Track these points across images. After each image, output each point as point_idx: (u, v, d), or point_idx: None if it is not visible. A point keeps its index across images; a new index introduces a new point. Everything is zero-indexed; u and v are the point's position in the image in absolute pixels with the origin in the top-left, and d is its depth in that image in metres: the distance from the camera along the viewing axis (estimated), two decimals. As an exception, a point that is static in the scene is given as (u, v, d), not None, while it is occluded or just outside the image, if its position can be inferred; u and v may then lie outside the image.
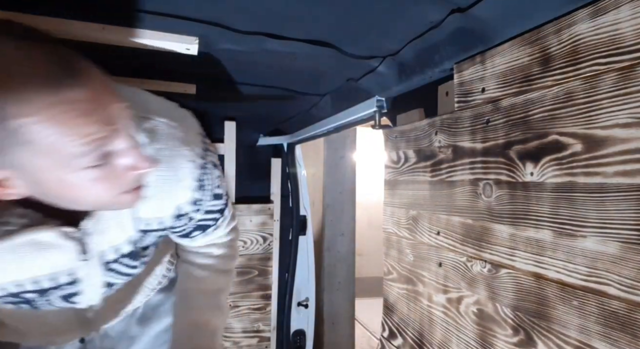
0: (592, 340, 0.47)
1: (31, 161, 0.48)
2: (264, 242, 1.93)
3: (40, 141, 0.46)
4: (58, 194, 0.53)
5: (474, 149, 0.68)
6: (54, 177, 0.50)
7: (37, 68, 0.44)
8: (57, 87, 0.44)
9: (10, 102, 0.43)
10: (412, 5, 0.61)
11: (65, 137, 0.46)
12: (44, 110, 0.44)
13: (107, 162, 0.52)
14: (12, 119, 0.44)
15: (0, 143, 0.46)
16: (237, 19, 0.71)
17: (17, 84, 0.43)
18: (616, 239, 0.45)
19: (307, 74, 1.02)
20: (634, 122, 0.43)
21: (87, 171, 0.50)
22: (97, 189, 0.53)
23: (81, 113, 0.47)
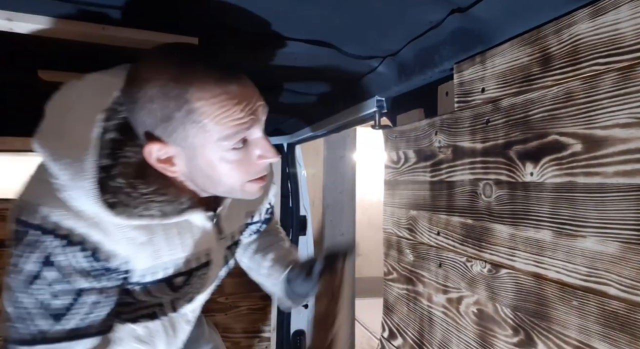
0: (592, 340, 0.47)
1: (196, 137, 0.62)
2: (264, 242, 1.93)
3: (207, 120, 0.61)
4: (206, 172, 0.66)
5: (474, 149, 0.68)
6: (207, 154, 0.64)
7: (212, 69, 0.61)
8: (225, 81, 0.61)
9: (195, 89, 0.59)
10: (412, 5, 0.61)
11: (223, 119, 0.62)
12: (216, 96, 0.60)
13: (245, 147, 0.66)
14: (194, 101, 0.60)
15: (181, 121, 0.61)
16: (237, 19, 0.71)
17: (200, 77, 0.60)
18: (616, 239, 0.45)
19: (307, 74, 1.02)
20: (634, 122, 0.43)
21: (230, 152, 0.64)
22: (236, 171, 0.66)
23: (237, 102, 0.63)
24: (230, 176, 0.67)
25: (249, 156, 0.67)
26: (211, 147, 0.63)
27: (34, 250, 0.59)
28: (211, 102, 0.61)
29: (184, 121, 0.61)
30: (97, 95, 0.65)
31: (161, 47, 0.63)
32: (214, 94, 0.61)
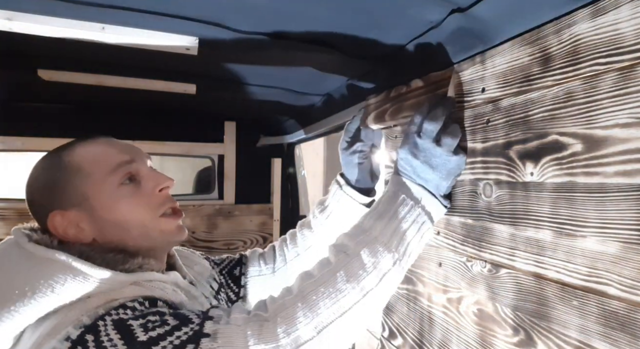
0: (592, 340, 0.47)
1: (83, 185, 0.66)
2: (264, 242, 1.93)
3: (86, 164, 0.67)
4: (111, 220, 0.66)
5: (473, 149, 0.68)
6: (102, 200, 0.66)
7: (76, 140, 0.71)
8: (90, 139, 0.71)
9: (66, 152, 0.68)
10: (412, 5, 0.61)
11: (100, 158, 0.68)
12: (86, 147, 0.69)
13: (135, 183, 0.69)
14: (68, 158, 0.67)
15: (64, 179, 0.66)
16: (237, 18, 0.71)
17: (67, 146, 0.70)
18: (616, 239, 0.45)
19: (307, 74, 1.02)
20: (634, 122, 0.43)
21: (121, 189, 0.67)
22: (137, 207, 0.68)
23: (109, 145, 0.71)
24: (134, 213, 0.67)
25: (143, 189, 0.69)
26: (101, 190, 0.66)
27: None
28: (85, 151, 0.68)
29: (67, 177, 0.66)
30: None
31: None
32: (85, 146, 0.69)
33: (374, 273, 0.61)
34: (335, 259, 0.64)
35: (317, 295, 0.58)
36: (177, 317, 0.55)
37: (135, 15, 0.68)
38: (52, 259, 0.58)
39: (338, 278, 0.60)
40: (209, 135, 1.84)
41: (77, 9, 0.66)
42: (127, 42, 0.77)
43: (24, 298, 0.55)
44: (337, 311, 0.57)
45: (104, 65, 1.02)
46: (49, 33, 0.72)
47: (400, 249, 0.63)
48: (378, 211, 0.67)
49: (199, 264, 0.90)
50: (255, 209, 1.92)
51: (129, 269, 0.63)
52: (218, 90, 1.27)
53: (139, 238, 0.69)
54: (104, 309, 0.54)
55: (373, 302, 0.60)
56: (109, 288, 0.58)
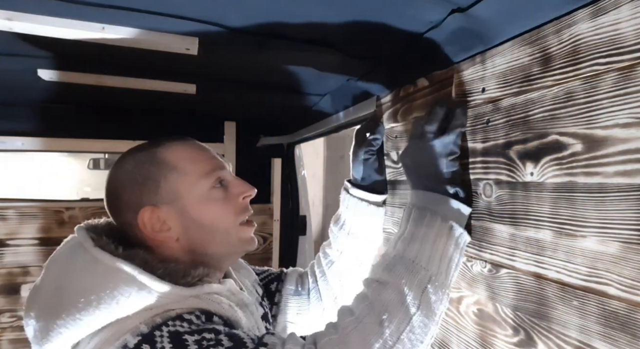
0: (592, 340, 0.47)
1: (178, 183, 0.67)
2: (264, 242, 1.93)
3: (183, 163, 0.68)
4: (198, 221, 0.68)
5: (474, 149, 0.68)
6: (193, 200, 0.67)
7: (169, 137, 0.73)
8: (184, 139, 0.73)
9: (162, 147, 0.70)
10: (412, 5, 0.61)
11: (196, 159, 0.70)
12: (181, 146, 0.71)
13: (223, 187, 0.71)
14: (164, 154, 0.69)
15: (160, 174, 0.67)
16: (237, 19, 0.71)
17: (162, 142, 0.71)
18: (616, 239, 0.45)
19: (307, 74, 1.02)
20: (634, 122, 0.43)
21: (212, 191, 0.69)
22: (224, 211, 0.70)
23: (201, 149, 0.73)
24: (221, 216, 0.69)
25: (230, 194, 0.72)
26: (194, 190, 0.68)
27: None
28: (180, 150, 0.70)
29: (163, 173, 0.67)
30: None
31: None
32: (179, 146, 0.71)
33: (410, 294, 0.58)
34: (369, 290, 0.62)
35: (360, 333, 0.56)
36: (231, 338, 0.54)
37: (135, 15, 0.68)
38: (118, 269, 0.58)
39: (376, 309, 0.58)
40: (209, 135, 1.84)
41: (77, 9, 0.66)
42: (127, 42, 0.77)
43: (90, 307, 0.55)
44: (385, 346, 0.55)
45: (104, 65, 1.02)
46: (49, 33, 0.72)
47: (433, 262, 0.60)
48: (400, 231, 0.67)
49: (245, 269, 0.91)
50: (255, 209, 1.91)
51: (190, 282, 0.63)
52: (218, 90, 1.26)
53: (220, 244, 0.70)
54: (161, 318, 0.54)
55: (421, 327, 0.57)
56: (171, 301, 0.58)
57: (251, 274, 0.91)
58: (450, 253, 0.61)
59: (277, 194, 1.95)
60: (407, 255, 0.61)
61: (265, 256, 1.92)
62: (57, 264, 0.62)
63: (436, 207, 0.63)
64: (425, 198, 0.65)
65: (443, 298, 0.60)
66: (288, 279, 0.98)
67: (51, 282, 0.61)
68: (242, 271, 0.88)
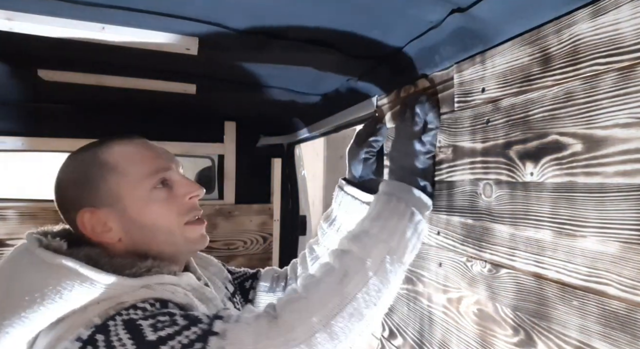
0: (592, 340, 0.47)
1: (118, 184, 0.66)
2: (264, 242, 1.93)
3: (123, 164, 0.67)
4: (140, 222, 0.67)
5: (474, 149, 0.68)
6: (134, 201, 0.67)
7: (113, 137, 0.72)
8: (127, 138, 0.71)
9: (103, 148, 0.69)
10: (412, 5, 0.61)
11: (137, 160, 0.69)
12: (124, 146, 0.70)
13: (168, 188, 0.70)
14: (105, 156, 0.68)
15: (99, 175, 0.66)
16: (237, 19, 0.71)
17: (105, 142, 0.70)
18: (616, 239, 0.45)
19: (307, 74, 1.02)
20: (634, 122, 0.43)
21: (154, 192, 0.68)
22: (167, 211, 0.69)
23: (145, 147, 0.72)
24: (163, 216, 0.69)
25: (175, 194, 0.71)
26: (135, 191, 0.67)
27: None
28: (122, 151, 0.69)
29: (102, 174, 0.67)
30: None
31: None
32: (122, 146, 0.70)
33: (369, 261, 0.63)
34: (332, 257, 0.67)
35: (320, 290, 0.61)
36: (186, 318, 0.55)
37: (135, 15, 0.68)
38: (59, 265, 0.58)
39: (337, 271, 0.63)
40: (209, 135, 1.83)
41: (77, 9, 0.66)
42: (127, 42, 0.77)
43: (34, 304, 0.55)
44: (342, 302, 0.59)
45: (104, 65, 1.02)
46: (49, 33, 0.72)
47: (394, 239, 0.66)
48: (368, 213, 0.73)
49: (214, 266, 0.90)
50: (255, 209, 1.92)
51: (136, 273, 0.63)
52: (218, 90, 1.26)
53: (164, 243, 0.69)
54: (114, 310, 0.55)
55: (376, 291, 0.62)
56: (118, 292, 0.58)
57: (222, 272, 0.91)
58: (409, 235, 0.68)
59: (277, 194, 1.95)
60: (371, 230, 0.68)
61: (265, 256, 1.92)
62: (3, 270, 0.62)
63: (402, 195, 0.71)
64: (395, 187, 0.73)
65: (398, 271, 0.65)
66: (263, 277, 1.00)
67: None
68: (210, 268, 0.88)
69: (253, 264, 1.87)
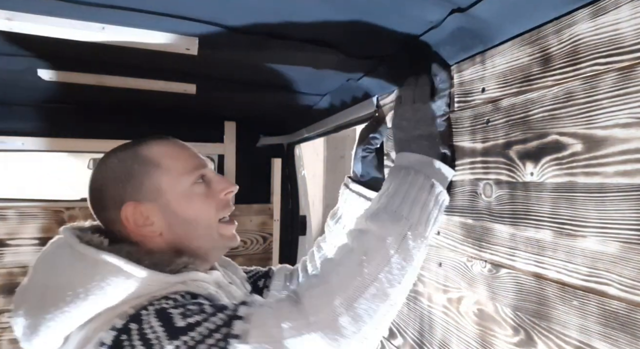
0: (592, 340, 0.47)
1: (161, 179, 0.69)
2: (264, 242, 1.93)
3: (165, 160, 0.70)
4: (182, 216, 0.69)
5: (474, 149, 0.68)
6: (176, 195, 0.69)
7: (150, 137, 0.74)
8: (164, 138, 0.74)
9: (144, 145, 0.71)
10: (412, 5, 0.61)
11: (179, 157, 0.72)
12: (163, 144, 0.72)
13: (206, 183, 0.73)
14: (147, 152, 0.70)
15: (142, 171, 0.68)
16: (237, 19, 0.70)
17: (145, 140, 0.72)
18: (616, 239, 0.45)
19: (307, 74, 1.02)
20: (634, 122, 0.43)
21: (195, 186, 0.71)
22: (207, 206, 0.71)
23: (182, 147, 0.75)
24: (203, 210, 0.71)
25: (212, 190, 0.74)
26: (177, 186, 0.69)
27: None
28: (162, 148, 0.72)
29: (146, 170, 0.69)
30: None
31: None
32: (162, 144, 0.72)
33: (390, 238, 0.61)
34: (350, 238, 0.65)
35: (340, 273, 0.60)
36: (214, 306, 0.57)
37: (135, 15, 0.68)
38: (103, 261, 0.59)
39: (356, 252, 0.61)
40: (209, 135, 1.83)
41: (77, 9, 0.66)
42: (127, 42, 0.77)
43: (77, 299, 0.56)
44: (364, 284, 0.57)
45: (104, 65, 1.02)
46: (49, 33, 0.72)
47: (414, 213, 0.63)
48: (384, 188, 0.69)
49: (232, 266, 0.92)
50: (255, 209, 1.92)
51: (174, 269, 0.64)
52: (218, 90, 1.26)
53: (202, 237, 0.71)
54: (147, 301, 0.56)
55: (399, 269, 0.60)
56: (157, 288, 0.59)
57: (239, 271, 0.93)
58: (430, 207, 0.65)
59: (277, 194, 1.95)
60: (389, 206, 0.65)
61: (265, 256, 1.92)
62: (44, 264, 0.63)
63: (420, 167, 0.68)
64: (411, 159, 0.69)
65: (421, 246, 0.63)
66: (276, 275, 1.01)
67: (39, 281, 0.62)
68: (229, 268, 0.90)
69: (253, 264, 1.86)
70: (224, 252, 0.81)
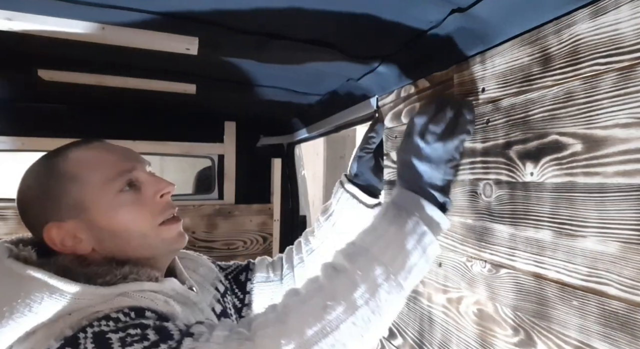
0: (592, 340, 0.47)
1: (81, 193, 0.62)
2: (264, 242, 1.93)
3: (82, 172, 0.63)
4: (111, 230, 0.64)
5: (474, 149, 0.68)
6: (101, 209, 0.63)
7: (69, 145, 0.67)
8: (84, 143, 0.67)
9: (59, 158, 0.65)
10: (412, 5, 0.61)
11: (97, 164, 0.64)
12: (82, 153, 0.65)
13: (136, 189, 0.66)
14: (62, 166, 0.64)
15: (59, 188, 0.62)
16: (237, 18, 0.71)
17: (60, 151, 0.65)
18: (616, 239, 0.45)
19: (307, 74, 1.02)
20: (634, 122, 0.43)
21: (121, 196, 0.64)
22: (137, 215, 0.65)
23: (106, 150, 0.67)
24: (134, 221, 0.65)
25: (144, 196, 0.66)
26: (99, 199, 0.63)
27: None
28: (80, 158, 0.65)
29: (62, 186, 0.63)
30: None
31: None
32: (80, 152, 0.65)
33: (363, 286, 0.55)
34: (323, 274, 0.59)
35: (300, 314, 0.53)
36: (158, 332, 0.52)
37: (135, 15, 0.68)
38: (27, 276, 0.55)
39: (323, 292, 0.55)
40: (209, 135, 1.84)
41: (77, 9, 0.66)
42: (127, 42, 0.77)
43: (2, 318, 0.53)
44: (322, 331, 0.51)
45: (104, 66, 1.02)
46: (49, 33, 0.72)
47: (396, 262, 0.57)
48: (372, 224, 0.63)
49: (205, 266, 0.88)
50: (255, 209, 1.92)
51: (111, 281, 0.60)
52: (218, 90, 1.27)
53: (139, 248, 0.66)
54: (87, 320, 0.52)
55: (365, 322, 0.54)
56: (91, 302, 0.55)
57: (212, 271, 0.88)
58: (415, 260, 0.58)
59: (277, 194, 1.95)
60: (371, 249, 0.59)
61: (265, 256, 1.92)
62: None
63: (415, 211, 0.61)
64: (407, 198, 0.62)
65: (395, 299, 0.57)
66: (257, 267, 0.98)
67: None
68: (200, 270, 0.85)
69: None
70: (173, 256, 0.75)
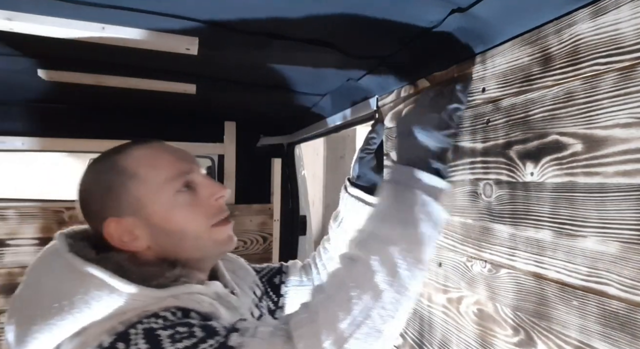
0: (592, 340, 0.47)
1: (140, 191, 0.64)
2: (264, 242, 1.93)
3: (142, 170, 0.65)
4: (166, 229, 0.65)
5: (474, 149, 0.68)
6: (158, 208, 0.65)
7: (131, 143, 0.69)
8: (145, 142, 0.69)
9: (121, 155, 0.67)
10: (412, 5, 0.61)
11: (157, 164, 0.66)
12: (142, 151, 0.67)
13: (191, 191, 0.68)
14: (123, 163, 0.65)
15: (120, 184, 0.64)
16: (237, 19, 0.70)
17: (122, 149, 0.68)
18: (616, 239, 0.45)
19: (307, 74, 1.02)
20: (634, 122, 0.43)
21: (178, 196, 0.66)
22: (193, 216, 0.67)
23: (165, 150, 0.69)
24: (189, 221, 0.66)
25: (199, 197, 0.68)
26: (158, 197, 0.65)
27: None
28: (141, 156, 0.67)
29: (123, 182, 0.65)
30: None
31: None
32: (141, 151, 0.67)
33: (382, 270, 0.56)
34: (342, 265, 0.61)
35: (329, 311, 0.55)
36: (204, 329, 0.54)
37: (135, 15, 0.68)
38: (88, 273, 0.57)
39: (346, 286, 0.57)
40: (209, 135, 1.84)
41: (77, 9, 0.66)
42: (127, 42, 0.77)
43: (62, 312, 0.55)
44: (354, 323, 0.53)
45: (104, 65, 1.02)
46: (49, 33, 0.72)
47: (406, 238, 0.58)
48: (376, 209, 0.65)
49: (243, 269, 0.89)
50: (255, 209, 1.92)
51: (163, 283, 0.61)
52: (218, 90, 1.26)
53: (191, 249, 0.68)
54: (137, 317, 0.54)
55: (393, 304, 0.55)
56: (145, 303, 0.57)
57: (250, 275, 0.90)
58: (423, 229, 0.59)
59: (277, 194, 1.95)
60: (379, 231, 0.60)
61: (265, 256, 1.92)
62: (35, 272, 0.62)
63: (411, 182, 0.62)
64: (402, 173, 0.64)
65: (416, 273, 0.58)
66: (291, 271, 0.99)
67: (30, 289, 0.61)
68: (239, 273, 0.87)
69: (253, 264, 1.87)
70: (219, 258, 0.78)
